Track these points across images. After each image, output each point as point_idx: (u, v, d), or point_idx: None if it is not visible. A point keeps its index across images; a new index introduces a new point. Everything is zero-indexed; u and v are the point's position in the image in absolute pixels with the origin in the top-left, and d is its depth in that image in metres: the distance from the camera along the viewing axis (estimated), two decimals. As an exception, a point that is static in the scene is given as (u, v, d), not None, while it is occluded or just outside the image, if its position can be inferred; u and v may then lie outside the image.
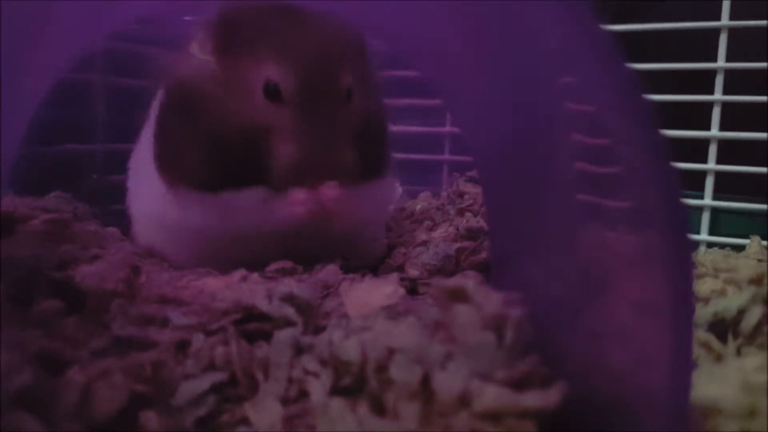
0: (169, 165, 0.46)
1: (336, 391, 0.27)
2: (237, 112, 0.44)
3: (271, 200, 0.44)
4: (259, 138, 0.43)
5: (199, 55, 0.46)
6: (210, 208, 0.44)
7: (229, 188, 0.44)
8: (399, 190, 0.69)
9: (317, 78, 0.44)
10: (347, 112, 0.45)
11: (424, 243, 0.52)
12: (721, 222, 0.65)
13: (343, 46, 0.46)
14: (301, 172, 0.43)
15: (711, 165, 0.65)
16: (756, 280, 0.42)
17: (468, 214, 0.59)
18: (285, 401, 0.28)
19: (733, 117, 0.64)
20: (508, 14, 0.31)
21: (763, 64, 0.61)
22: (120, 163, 0.56)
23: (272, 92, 0.43)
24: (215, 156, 0.44)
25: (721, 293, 0.41)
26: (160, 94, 0.49)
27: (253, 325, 0.31)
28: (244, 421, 0.27)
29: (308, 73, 0.43)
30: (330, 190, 0.43)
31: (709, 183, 0.65)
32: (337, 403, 0.26)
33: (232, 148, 0.44)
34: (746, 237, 0.57)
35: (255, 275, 0.39)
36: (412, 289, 0.45)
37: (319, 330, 0.32)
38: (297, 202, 0.43)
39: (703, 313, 0.37)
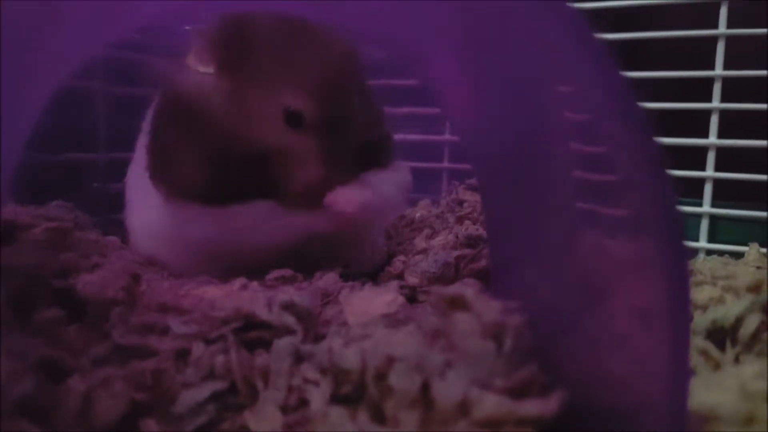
0: (169, 178, 0.46)
1: (336, 399, 0.27)
2: (251, 133, 0.44)
3: (279, 214, 0.44)
4: (275, 160, 0.44)
5: (198, 69, 0.45)
6: (214, 220, 0.44)
7: (236, 202, 0.44)
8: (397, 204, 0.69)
9: (336, 102, 0.44)
10: (358, 128, 0.45)
11: (424, 251, 0.52)
12: (719, 229, 0.65)
13: (351, 62, 0.46)
14: (317, 194, 0.44)
15: (709, 172, 0.65)
16: (754, 288, 0.42)
17: (467, 221, 0.59)
18: (285, 409, 0.28)
19: (731, 124, 0.65)
20: (506, 23, 0.31)
21: (761, 72, 0.61)
22: (121, 172, 0.57)
23: (294, 119, 0.43)
24: (224, 172, 0.44)
25: (720, 301, 0.41)
26: (154, 107, 0.49)
27: (253, 333, 0.31)
28: (244, 429, 0.27)
29: (328, 99, 0.44)
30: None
31: (708, 190, 0.65)
32: (337, 411, 0.26)
33: (243, 166, 0.44)
34: (745, 244, 0.57)
35: (255, 283, 0.40)
36: (412, 296, 0.45)
37: (318, 338, 0.32)
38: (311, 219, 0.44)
39: (701, 321, 0.37)
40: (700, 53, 0.66)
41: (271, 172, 0.44)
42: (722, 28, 0.64)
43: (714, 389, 0.28)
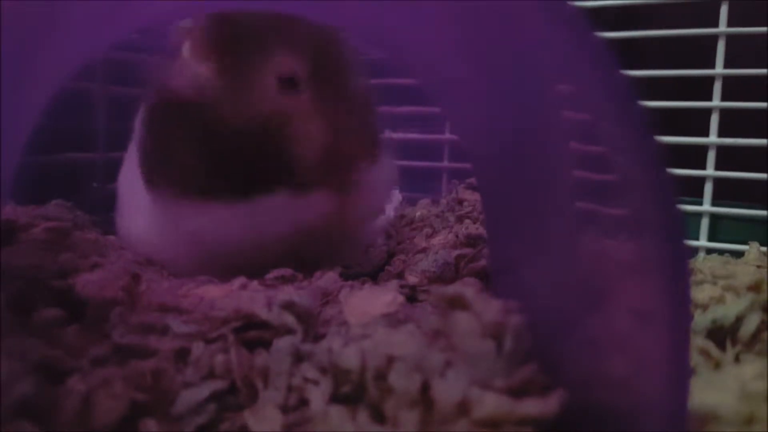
0: (169, 177, 0.46)
1: (336, 398, 0.27)
2: (248, 111, 0.43)
3: (295, 202, 0.44)
4: (280, 131, 0.43)
5: (192, 64, 0.45)
6: (234, 215, 0.44)
7: (256, 192, 0.44)
8: (399, 196, 0.69)
9: (326, 58, 0.44)
10: (354, 90, 0.45)
11: (424, 250, 0.52)
12: (720, 228, 0.65)
13: (335, 30, 0.47)
14: (331, 154, 0.43)
15: (710, 171, 0.65)
16: (754, 287, 0.42)
17: (467, 221, 0.59)
18: (285, 409, 0.28)
19: (731, 123, 0.65)
20: (505, 22, 0.31)
21: (761, 71, 0.61)
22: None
23: (287, 81, 0.44)
24: (228, 164, 0.44)
25: (720, 300, 0.41)
26: (145, 110, 0.48)
27: (252, 333, 0.31)
28: (244, 429, 0.27)
29: (317, 55, 0.44)
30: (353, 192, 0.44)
31: (708, 189, 0.65)
32: (337, 411, 0.26)
33: (251, 151, 0.43)
34: (745, 243, 0.57)
35: (254, 283, 0.40)
36: (412, 296, 0.44)
37: (318, 338, 0.32)
38: (321, 203, 0.44)
39: (701, 320, 0.37)
40: (701, 52, 0.66)
41: (287, 148, 0.43)
42: (722, 27, 0.63)
43: (714, 389, 0.28)
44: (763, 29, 0.61)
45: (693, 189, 0.65)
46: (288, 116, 0.43)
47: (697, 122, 0.66)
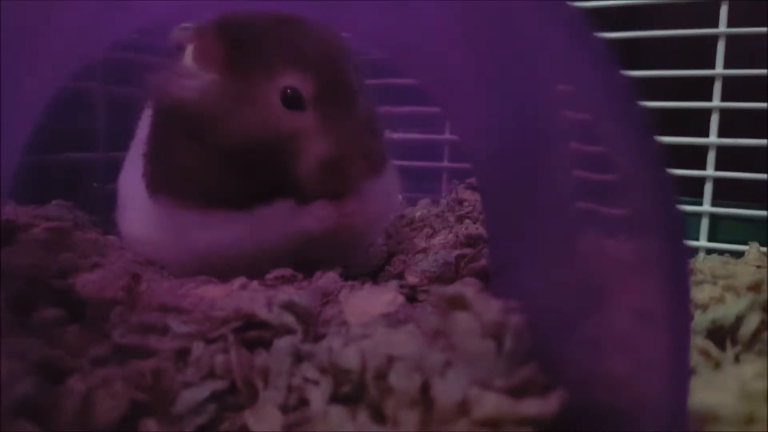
0: (174, 186, 0.45)
1: (336, 398, 0.27)
2: (251, 127, 0.43)
3: (295, 213, 0.44)
4: (283, 147, 0.43)
5: (198, 70, 0.45)
6: (236, 224, 0.44)
7: (258, 202, 0.44)
8: (399, 197, 0.69)
9: (333, 78, 0.44)
10: (359, 108, 0.45)
11: (424, 250, 0.52)
12: (720, 228, 0.65)
13: (344, 46, 0.46)
14: (336, 169, 0.43)
15: (710, 171, 0.65)
16: (754, 287, 0.42)
17: (467, 221, 0.59)
18: (285, 409, 0.28)
19: (731, 123, 0.65)
20: (505, 23, 0.31)
21: (761, 71, 0.61)
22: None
23: (293, 100, 0.43)
24: (240, 173, 0.43)
25: (720, 300, 0.41)
26: (150, 115, 0.48)
27: (253, 332, 0.31)
28: (244, 429, 0.27)
29: (325, 75, 0.44)
30: (353, 204, 0.44)
31: (708, 189, 0.65)
32: (337, 411, 0.26)
33: (253, 163, 0.43)
34: (745, 243, 0.57)
35: (255, 283, 0.40)
36: (412, 296, 0.45)
37: (318, 338, 0.32)
38: (321, 215, 0.44)
39: (701, 320, 0.37)
40: (701, 52, 0.66)
41: (290, 163, 0.43)
42: (722, 27, 0.63)
43: (714, 389, 0.28)
44: (763, 29, 0.61)
45: (693, 189, 0.65)
46: (291, 134, 0.43)
47: (697, 122, 0.66)
